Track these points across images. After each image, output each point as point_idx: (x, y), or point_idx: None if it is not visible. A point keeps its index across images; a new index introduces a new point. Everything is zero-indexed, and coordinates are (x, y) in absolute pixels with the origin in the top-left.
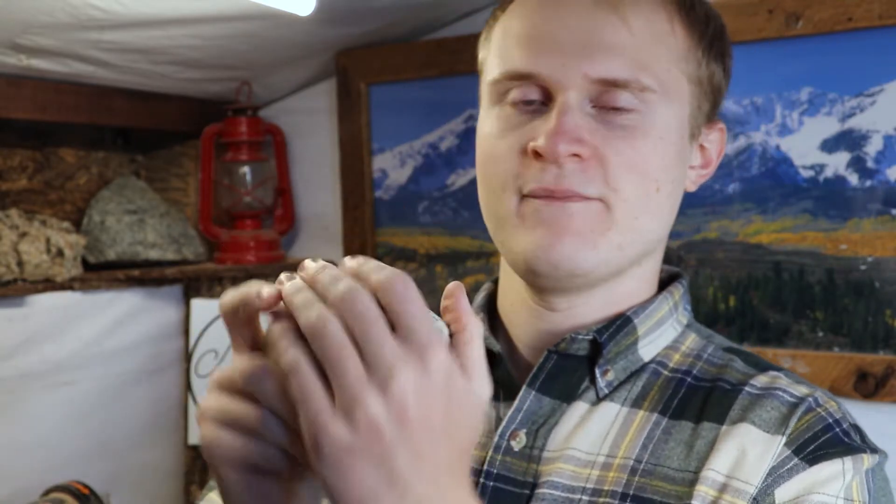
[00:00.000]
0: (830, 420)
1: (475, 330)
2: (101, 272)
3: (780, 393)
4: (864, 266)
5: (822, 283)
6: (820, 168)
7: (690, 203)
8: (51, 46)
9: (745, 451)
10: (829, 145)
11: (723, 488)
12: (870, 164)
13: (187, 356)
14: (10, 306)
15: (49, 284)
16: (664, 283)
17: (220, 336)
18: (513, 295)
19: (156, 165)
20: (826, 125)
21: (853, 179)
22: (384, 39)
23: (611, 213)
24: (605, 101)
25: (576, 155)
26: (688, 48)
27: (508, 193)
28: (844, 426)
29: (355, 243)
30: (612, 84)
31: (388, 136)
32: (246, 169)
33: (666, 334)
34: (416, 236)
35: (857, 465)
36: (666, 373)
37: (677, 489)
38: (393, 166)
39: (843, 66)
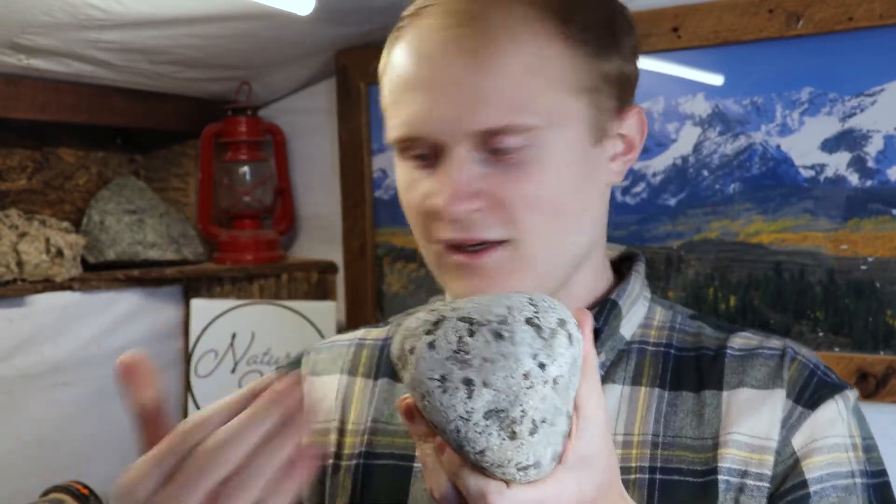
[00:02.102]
0: (811, 365)
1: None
2: (100, 272)
3: (761, 350)
4: (865, 266)
5: (823, 283)
6: (820, 168)
7: (691, 203)
8: (50, 46)
9: (754, 410)
10: (830, 145)
11: (749, 448)
12: (870, 163)
13: (187, 356)
14: (10, 306)
15: (48, 284)
16: (617, 263)
17: (219, 336)
18: None
19: (155, 165)
20: (827, 125)
21: (854, 179)
22: (384, 39)
23: (523, 252)
24: (492, 146)
25: (476, 210)
26: (573, 62)
27: (429, 244)
28: (822, 368)
29: (355, 243)
30: (494, 132)
31: None
32: (245, 169)
33: (639, 311)
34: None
35: (846, 402)
36: (650, 348)
37: (700, 456)
38: (393, 166)
39: (843, 66)
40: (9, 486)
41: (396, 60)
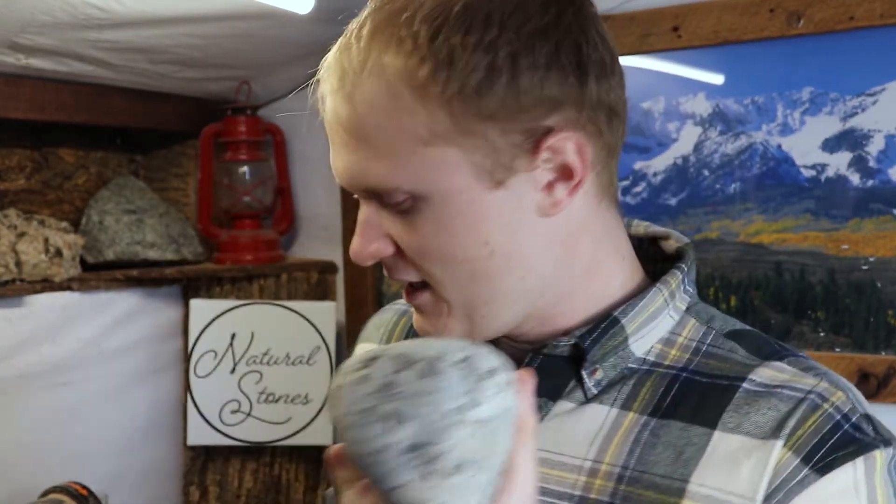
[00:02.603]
0: (839, 416)
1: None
2: (99, 272)
3: (781, 390)
4: (866, 266)
5: (824, 283)
6: (821, 168)
7: (691, 203)
8: (49, 46)
9: (737, 462)
10: (831, 145)
11: (719, 501)
12: (871, 163)
13: (186, 356)
14: (9, 306)
15: (47, 284)
16: (671, 257)
17: (218, 336)
18: None
19: (155, 165)
20: (827, 124)
21: (855, 179)
22: None
23: (442, 296)
24: (381, 200)
25: (384, 256)
26: (437, 111)
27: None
28: (854, 419)
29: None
30: (375, 192)
31: None
32: (245, 169)
33: (661, 325)
34: None
35: (870, 466)
36: (660, 370)
37: (662, 498)
38: None
39: (844, 66)
40: (8, 487)
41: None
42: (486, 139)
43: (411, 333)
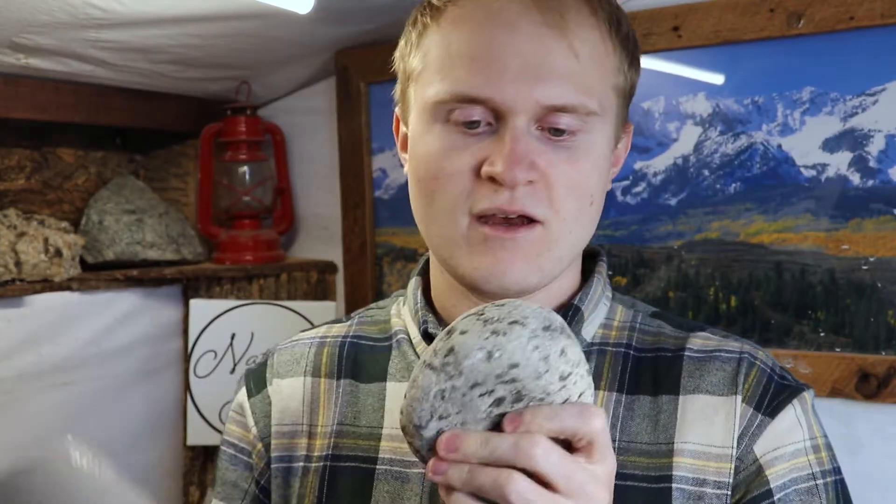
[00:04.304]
0: (768, 370)
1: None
2: (99, 272)
3: (720, 353)
4: (866, 266)
5: (824, 283)
6: (822, 168)
7: (691, 203)
8: (49, 45)
9: (709, 419)
10: (831, 145)
11: (705, 457)
12: (872, 163)
13: (186, 356)
14: (8, 307)
15: (47, 284)
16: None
17: (218, 336)
18: (452, 295)
19: (154, 165)
20: (828, 124)
21: (855, 179)
22: (384, 38)
23: (551, 234)
24: (550, 123)
25: (529, 181)
26: (618, 65)
27: (459, 214)
28: (778, 371)
29: (355, 243)
30: (560, 109)
31: (388, 136)
32: (245, 168)
33: (600, 312)
34: (416, 236)
35: (804, 405)
36: (610, 349)
37: (654, 462)
38: (393, 166)
39: (844, 65)
40: (6, 487)
41: (452, 24)
42: (624, 105)
43: (344, 362)
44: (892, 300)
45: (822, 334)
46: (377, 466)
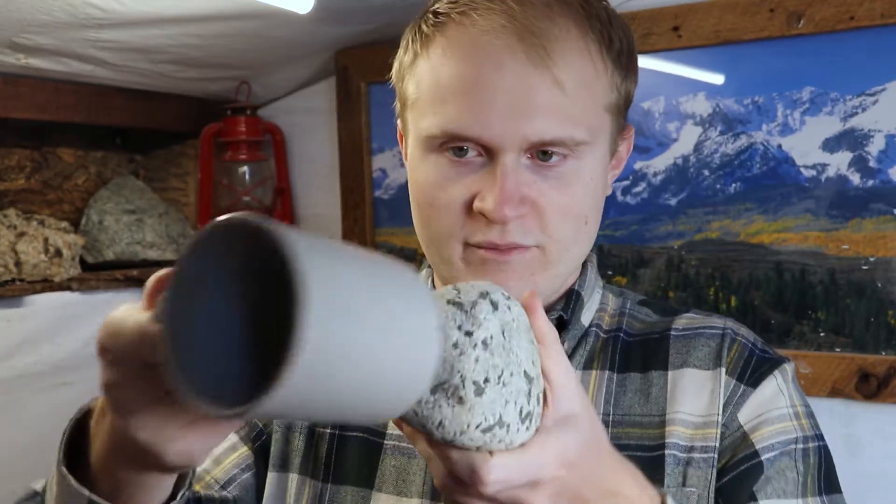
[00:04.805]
0: (750, 344)
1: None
2: (99, 272)
3: (704, 330)
4: (867, 266)
5: (824, 283)
6: (822, 167)
7: (692, 203)
8: (49, 45)
9: (697, 391)
10: (831, 145)
11: (693, 426)
12: (872, 163)
13: None
14: (8, 307)
15: (47, 284)
16: None
17: None
18: None
19: (154, 165)
20: (828, 124)
21: (855, 179)
22: (384, 38)
23: (547, 255)
24: (539, 156)
25: (520, 216)
26: (610, 83)
27: (454, 241)
28: (759, 345)
29: (355, 243)
30: (548, 143)
31: (388, 136)
32: (245, 168)
33: (595, 298)
34: (415, 236)
35: (785, 375)
36: (603, 334)
37: (648, 432)
38: (393, 166)
39: (844, 65)
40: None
41: (441, 56)
42: (618, 118)
43: None
44: (892, 300)
45: (822, 334)
46: (385, 441)
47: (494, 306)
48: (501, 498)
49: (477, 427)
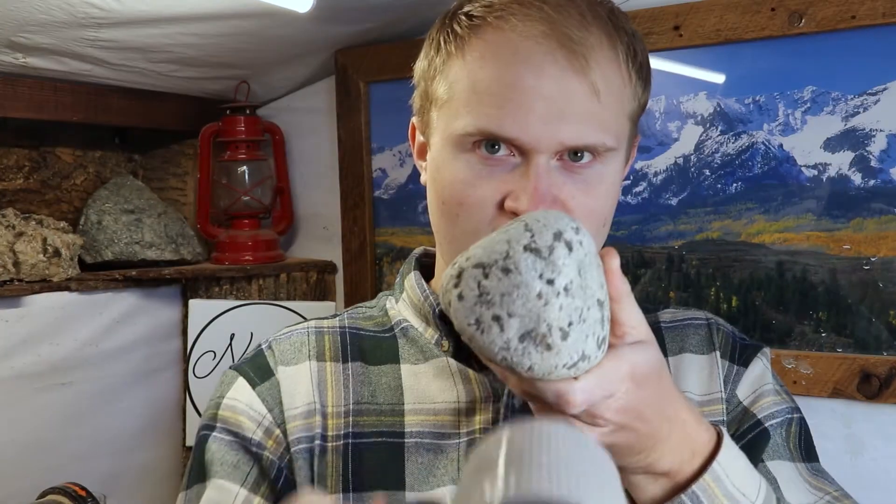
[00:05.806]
0: (730, 332)
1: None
2: (98, 272)
3: (691, 321)
4: (868, 266)
5: (826, 283)
6: (823, 167)
7: (692, 203)
8: (48, 44)
9: (700, 372)
10: (833, 144)
11: (700, 404)
12: (873, 163)
13: (185, 357)
14: (7, 307)
15: (46, 285)
16: None
17: (217, 336)
18: None
19: (153, 165)
20: (829, 124)
21: (857, 179)
22: (384, 38)
23: None
24: (569, 157)
25: None
26: (633, 92)
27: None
28: (737, 333)
29: (354, 243)
30: (582, 148)
31: (388, 136)
32: (244, 168)
33: None
34: (415, 235)
35: (765, 358)
36: None
37: None
38: (392, 165)
39: (846, 65)
40: (6, 488)
41: (479, 58)
42: (635, 126)
43: (349, 347)
44: (893, 300)
45: (823, 335)
46: (406, 440)
47: (569, 247)
48: (583, 413)
49: (564, 366)
